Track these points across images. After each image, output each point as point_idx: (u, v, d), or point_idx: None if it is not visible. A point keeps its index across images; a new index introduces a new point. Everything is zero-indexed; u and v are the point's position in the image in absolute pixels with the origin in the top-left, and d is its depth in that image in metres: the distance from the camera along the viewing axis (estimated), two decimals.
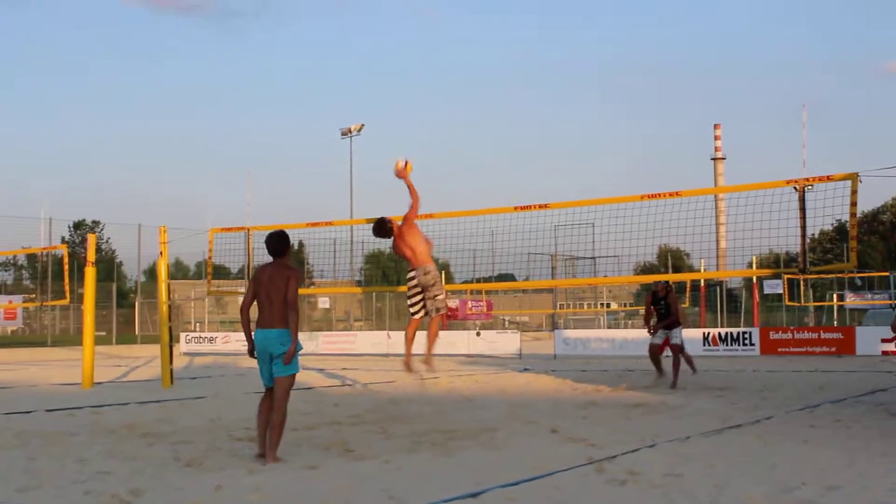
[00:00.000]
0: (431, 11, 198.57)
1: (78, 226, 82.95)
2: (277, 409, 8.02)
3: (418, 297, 12.06)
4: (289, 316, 8.13)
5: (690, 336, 30.75)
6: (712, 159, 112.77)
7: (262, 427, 8.15)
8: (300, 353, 8.23)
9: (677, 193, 14.39)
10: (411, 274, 12.05)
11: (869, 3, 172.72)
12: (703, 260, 32.41)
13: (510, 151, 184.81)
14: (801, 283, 43.70)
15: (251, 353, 8.28)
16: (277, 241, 8.45)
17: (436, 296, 12.01)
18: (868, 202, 79.81)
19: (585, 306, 62.36)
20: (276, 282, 8.17)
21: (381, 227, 12.34)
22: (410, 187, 12.34)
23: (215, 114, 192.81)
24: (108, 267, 56.23)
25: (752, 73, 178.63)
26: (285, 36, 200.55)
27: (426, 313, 12.11)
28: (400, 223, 12.29)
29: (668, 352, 16.20)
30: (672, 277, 42.59)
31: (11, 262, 61.66)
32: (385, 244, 13.61)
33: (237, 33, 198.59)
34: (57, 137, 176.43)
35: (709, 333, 30.66)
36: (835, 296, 47.88)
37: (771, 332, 30.54)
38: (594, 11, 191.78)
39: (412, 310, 12.17)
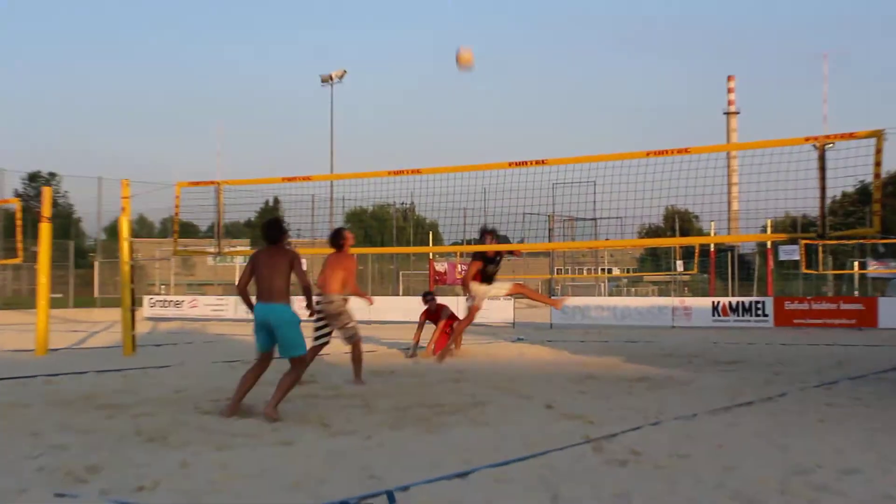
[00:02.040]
0: None
1: (33, 178, 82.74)
2: (292, 373, 9.29)
3: (323, 326, 12.97)
4: (306, 296, 9.57)
5: (700, 304, 30.94)
6: (725, 113, 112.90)
7: (242, 391, 9.34)
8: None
9: (686, 150, 14.35)
10: (317, 299, 12.62)
11: None
12: (713, 223, 32.42)
13: (505, 103, 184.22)
14: (820, 249, 43.68)
15: None
16: (270, 230, 9.67)
17: (346, 324, 12.87)
18: (894, 162, 79.91)
19: (585, 272, 62.48)
20: (278, 263, 9.37)
21: (335, 237, 13.38)
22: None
23: (183, 58, 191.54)
24: (66, 223, 55.94)
25: (768, 21, 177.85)
26: None
27: (346, 342, 13.01)
28: (338, 250, 13.27)
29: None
30: (679, 241, 42.74)
31: None
32: (366, 201, 13.89)
33: None
34: (9, 83, 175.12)
35: (719, 303, 30.75)
36: (856, 263, 47.94)
37: (786, 303, 30.66)
38: None
39: (315, 336, 12.90)
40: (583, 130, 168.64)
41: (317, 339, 12.83)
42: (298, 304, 9.97)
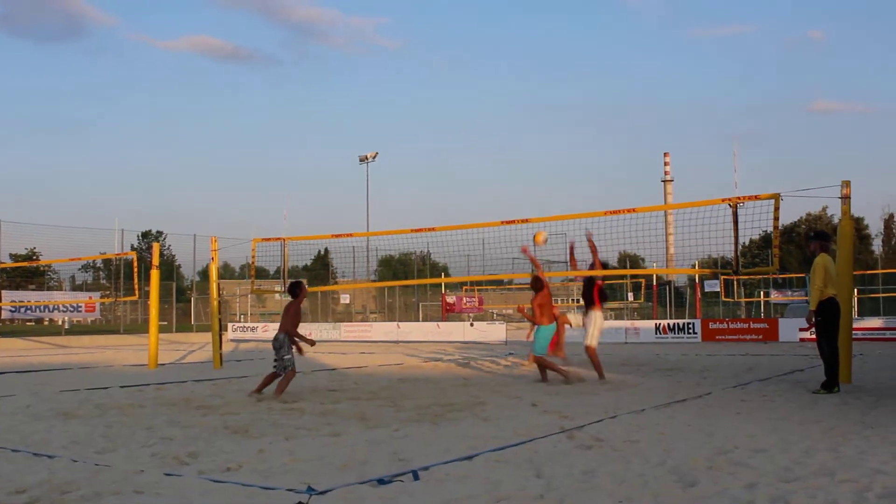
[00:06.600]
0: (434, 65, 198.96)
1: (145, 235, 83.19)
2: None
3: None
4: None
5: (645, 326, 30.82)
6: (662, 181, 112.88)
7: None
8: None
9: (634, 210, 14.42)
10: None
11: (794, 52, 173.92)
12: (655, 263, 32.47)
13: (499, 176, 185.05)
14: (735, 282, 43.73)
15: None
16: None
17: (279, 358, 11.09)
18: (788, 217, 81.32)
19: (559, 302, 62.15)
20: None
21: (292, 288, 11.46)
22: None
23: (258, 143, 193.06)
24: (169, 269, 56.01)
25: (695, 110, 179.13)
26: (317, 80, 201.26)
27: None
28: (298, 294, 11.37)
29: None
30: (630, 272, 42.48)
31: (91, 265, 61.65)
32: (394, 251, 13.65)
33: (279, 78, 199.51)
34: (129, 163, 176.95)
35: (660, 324, 30.65)
36: (762, 293, 47.88)
37: (710, 323, 30.55)
38: (574, 67, 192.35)
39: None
40: (557, 195, 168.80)
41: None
42: (346, 328, 9.75)
